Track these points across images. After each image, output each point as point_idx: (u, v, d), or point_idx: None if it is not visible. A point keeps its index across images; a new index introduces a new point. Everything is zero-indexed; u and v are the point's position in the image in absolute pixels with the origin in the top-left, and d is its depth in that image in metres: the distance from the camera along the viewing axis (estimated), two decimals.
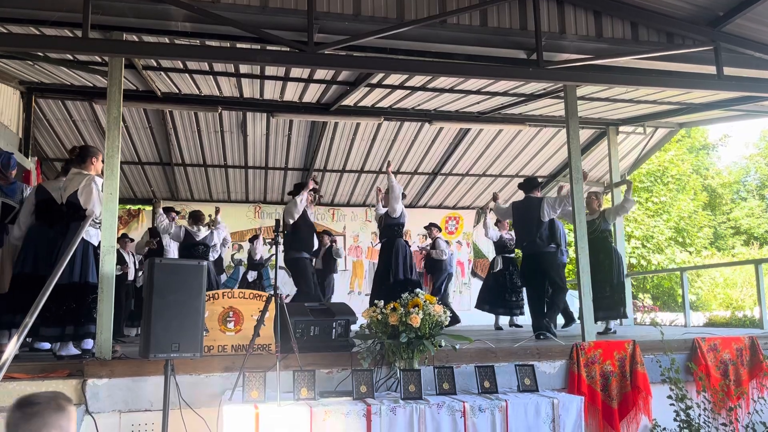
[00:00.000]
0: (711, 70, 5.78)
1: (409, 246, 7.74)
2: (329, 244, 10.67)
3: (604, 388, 5.04)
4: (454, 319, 9.27)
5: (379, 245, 7.88)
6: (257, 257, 11.27)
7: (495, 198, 8.05)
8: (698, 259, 22.69)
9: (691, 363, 5.30)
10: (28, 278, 4.95)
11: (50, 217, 5.10)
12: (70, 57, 6.32)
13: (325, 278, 10.47)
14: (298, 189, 7.50)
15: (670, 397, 4.97)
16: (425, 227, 10.68)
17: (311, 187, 7.59)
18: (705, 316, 15.58)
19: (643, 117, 8.85)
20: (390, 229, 7.32)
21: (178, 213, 8.70)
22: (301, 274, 7.40)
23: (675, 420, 4.90)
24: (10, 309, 4.92)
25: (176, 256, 8.23)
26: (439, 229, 10.79)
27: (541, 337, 6.19)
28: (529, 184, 7.08)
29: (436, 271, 10.26)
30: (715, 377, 5.30)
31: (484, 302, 9.30)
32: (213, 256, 8.64)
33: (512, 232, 9.09)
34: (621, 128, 9.25)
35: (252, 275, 11.24)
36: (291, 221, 7.27)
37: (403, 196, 7.67)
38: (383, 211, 7.65)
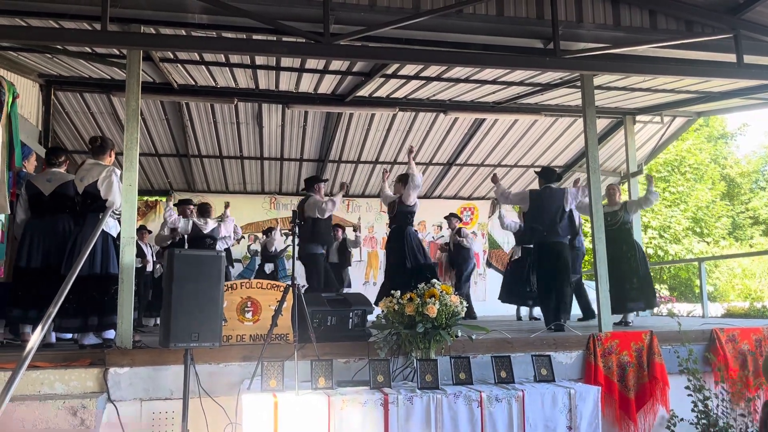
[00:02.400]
0: (731, 58, 5.71)
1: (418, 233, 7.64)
2: (342, 237, 10.68)
3: (621, 379, 5.03)
4: (470, 314, 9.24)
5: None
6: (272, 249, 11.31)
7: (495, 180, 7.34)
8: (716, 250, 22.45)
9: (709, 354, 5.27)
10: (25, 271, 5.03)
11: (41, 210, 5.21)
12: (89, 50, 6.37)
13: (341, 271, 10.50)
14: (311, 184, 7.59)
15: (687, 387, 4.95)
16: (445, 217, 10.62)
17: (344, 191, 7.65)
18: (723, 306, 15.43)
19: (660, 106, 8.75)
20: (403, 217, 7.27)
21: (195, 206, 8.74)
22: (314, 270, 7.49)
23: (693, 411, 4.88)
24: (19, 303, 5.01)
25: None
26: (459, 219, 10.67)
27: (551, 328, 6.16)
28: (550, 173, 6.92)
29: (464, 261, 10.07)
30: (733, 368, 5.27)
31: (506, 294, 9.27)
32: (220, 247, 8.73)
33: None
34: (638, 117, 9.16)
35: (269, 267, 11.27)
36: (319, 216, 7.39)
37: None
38: (390, 193, 7.57)
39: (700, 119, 11.69)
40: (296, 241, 4.55)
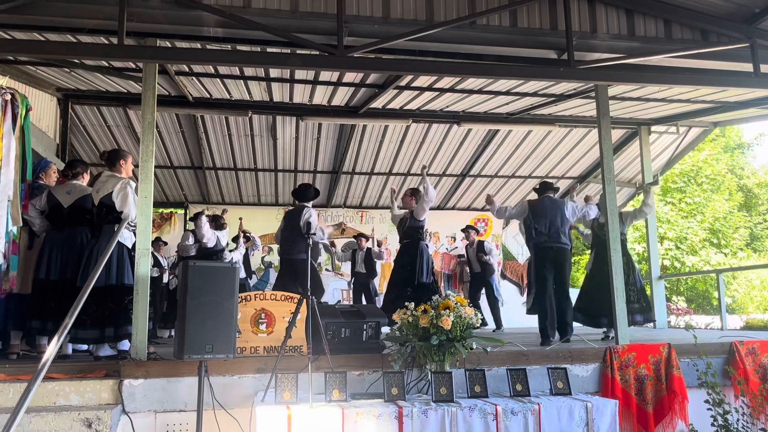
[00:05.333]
0: (747, 67, 5.66)
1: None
2: (366, 248, 10.61)
3: (639, 392, 4.96)
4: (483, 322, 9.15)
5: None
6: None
7: (489, 201, 7.04)
8: (734, 261, 22.14)
9: (729, 367, 5.19)
10: (44, 283, 5.08)
11: (60, 222, 5.26)
12: (106, 64, 6.45)
13: (368, 282, 10.46)
14: (304, 194, 7.15)
15: (707, 401, 4.87)
16: (462, 230, 10.53)
17: (337, 226, 7.44)
18: (742, 319, 15.21)
19: (676, 116, 8.69)
20: (415, 231, 7.22)
21: (209, 217, 8.69)
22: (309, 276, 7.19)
23: (712, 425, 4.80)
24: (37, 315, 5.04)
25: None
26: (477, 231, 10.54)
27: (568, 340, 6.12)
28: (546, 186, 6.96)
29: (489, 274, 9.99)
30: (753, 381, 5.18)
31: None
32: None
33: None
34: (653, 128, 9.10)
35: None
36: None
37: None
38: (400, 212, 7.50)
39: (716, 129, 11.57)
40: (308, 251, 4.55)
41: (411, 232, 7.22)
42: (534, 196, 7.10)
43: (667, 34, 5.63)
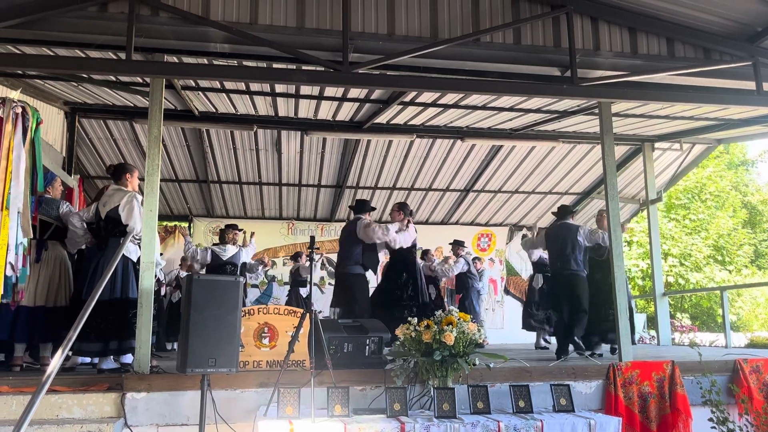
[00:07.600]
0: (750, 85, 5.69)
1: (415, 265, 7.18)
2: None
3: (642, 410, 4.93)
4: None
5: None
6: (304, 275, 11.20)
7: (532, 229, 8.31)
8: (738, 278, 22.05)
9: (732, 385, 5.16)
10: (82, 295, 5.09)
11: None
12: (113, 78, 6.52)
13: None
14: (362, 208, 6.96)
15: (711, 419, 4.83)
16: (450, 243, 10.46)
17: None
18: (746, 336, 15.12)
19: (679, 133, 8.72)
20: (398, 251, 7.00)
21: (241, 230, 8.60)
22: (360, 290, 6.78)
23: None
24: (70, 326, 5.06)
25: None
26: (464, 247, 10.48)
27: (562, 358, 6.15)
28: (565, 210, 7.15)
29: (461, 288, 10.13)
30: (757, 400, 5.15)
31: (531, 318, 9.14)
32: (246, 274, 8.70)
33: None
34: (657, 144, 9.13)
35: (305, 292, 11.11)
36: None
37: (411, 213, 7.15)
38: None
39: (720, 146, 11.60)
40: (314, 264, 4.56)
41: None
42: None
43: (670, 52, 5.67)
